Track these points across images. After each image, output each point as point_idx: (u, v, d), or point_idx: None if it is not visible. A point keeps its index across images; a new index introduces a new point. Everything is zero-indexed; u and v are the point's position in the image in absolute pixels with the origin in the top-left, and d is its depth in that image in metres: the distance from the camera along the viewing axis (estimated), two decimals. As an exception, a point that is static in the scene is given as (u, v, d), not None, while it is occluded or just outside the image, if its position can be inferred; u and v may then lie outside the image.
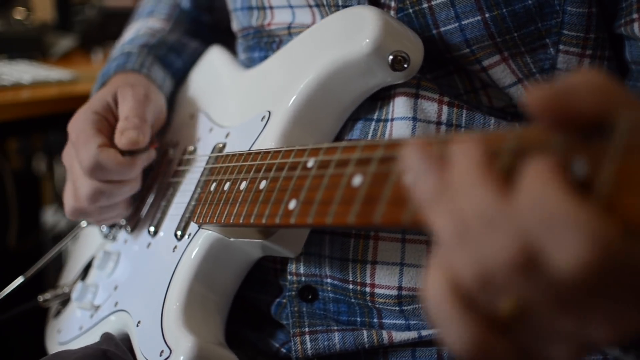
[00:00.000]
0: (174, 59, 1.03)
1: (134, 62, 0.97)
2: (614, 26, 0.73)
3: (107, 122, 0.87)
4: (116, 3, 2.07)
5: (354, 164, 0.55)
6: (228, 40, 1.01)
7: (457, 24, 0.72)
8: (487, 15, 0.71)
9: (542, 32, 0.72)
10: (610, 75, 0.37)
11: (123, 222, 0.96)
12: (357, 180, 0.54)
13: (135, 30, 1.08)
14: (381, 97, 0.76)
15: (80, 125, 0.85)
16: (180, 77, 1.04)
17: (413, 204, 0.47)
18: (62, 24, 2.20)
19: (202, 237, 0.76)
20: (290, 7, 0.84)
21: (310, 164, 0.61)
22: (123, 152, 0.84)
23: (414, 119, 0.72)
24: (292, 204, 0.60)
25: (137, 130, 0.84)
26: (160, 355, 0.70)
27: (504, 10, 0.71)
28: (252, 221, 0.66)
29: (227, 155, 0.78)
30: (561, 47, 0.73)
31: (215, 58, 1.01)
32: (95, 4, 2.16)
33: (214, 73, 0.98)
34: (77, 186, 0.86)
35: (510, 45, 0.73)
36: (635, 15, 0.70)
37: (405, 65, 0.70)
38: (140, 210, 0.93)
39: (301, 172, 0.62)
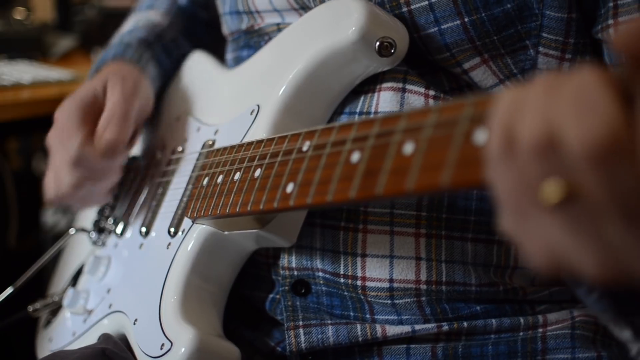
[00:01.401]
0: (164, 58, 1.04)
1: (132, 54, 0.98)
2: (592, 31, 0.74)
3: (93, 112, 0.89)
4: (116, 3, 2.06)
5: (350, 142, 0.56)
6: (223, 39, 1.02)
7: (436, 28, 0.73)
8: (466, 19, 0.72)
9: (521, 34, 0.73)
10: None
11: (112, 226, 0.96)
12: (355, 156, 0.54)
13: (134, 22, 1.08)
14: (365, 91, 0.76)
15: (66, 115, 0.88)
16: (167, 77, 1.05)
17: (415, 171, 0.48)
18: (62, 24, 2.19)
19: (197, 232, 0.76)
20: (276, 10, 0.85)
21: (305, 147, 0.62)
22: None
23: None
24: (290, 187, 0.61)
25: (117, 128, 0.86)
26: (161, 348, 0.70)
27: (483, 14, 0.71)
28: (249, 209, 0.66)
29: (217, 150, 0.78)
30: (541, 49, 0.74)
31: (197, 62, 1.02)
32: (95, 4, 2.16)
33: (197, 75, 0.99)
34: (59, 175, 0.88)
35: (490, 48, 0.74)
36: (610, 21, 0.71)
37: (392, 51, 0.71)
38: (130, 213, 0.93)
39: (297, 156, 0.62)
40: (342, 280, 0.74)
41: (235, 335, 0.81)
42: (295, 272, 0.77)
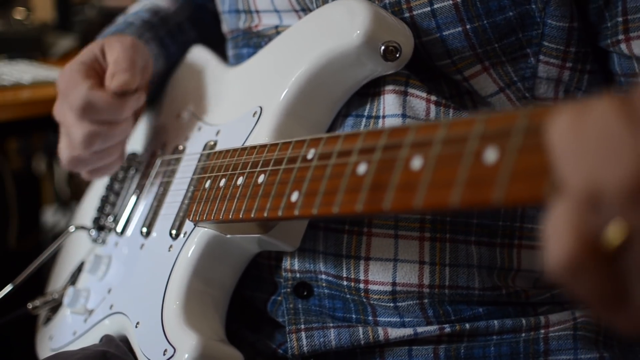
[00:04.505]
0: (169, 42, 1.03)
1: (133, 31, 0.98)
2: (600, 44, 0.74)
3: (95, 71, 0.89)
4: (116, 3, 2.07)
5: (357, 153, 0.55)
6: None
7: (438, 35, 0.73)
8: (468, 26, 0.71)
9: (522, 42, 0.73)
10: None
11: (112, 224, 0.95)
12: (362, 168, 0.54)
13: (141, 5, 1.08)
14: (371, 94, 0.76)
15: (67, 75, 0.87)
16: (173, 61, 1.03)
17: (423, 188, 0.47)
18: (62, 24, 2.20)
19: (199, 235, 0.76)
20: (276, 11, 0.84)
21: (310, 155, 0.61)
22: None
23: (404, 115, 0.73)
24: (295, 196, 0.60)
25: (127, 72, 0.86)
26: (164, 354, 0.70)
27: (485, 21, 0.71)
28: (252, 215, 0.65)
29: (219, 152, 0.78)
30: (541, 57, 0.74)
31: (198, 57, 1.01)
32: (95, 4, 2.17)
33: (198, 72, 0.98)
34: (70, 134, 0.85)
35: (491, 56, 0.73)
36: (621, 37, 0.71)
37: (397, 55, 0.70)
38: (130, 211, 0.92)
39: (302, 164, 0.62)
40: (344, 283, 0.74)
41: (237, 337, 0.81)
42: (298, 275, 0.77)
